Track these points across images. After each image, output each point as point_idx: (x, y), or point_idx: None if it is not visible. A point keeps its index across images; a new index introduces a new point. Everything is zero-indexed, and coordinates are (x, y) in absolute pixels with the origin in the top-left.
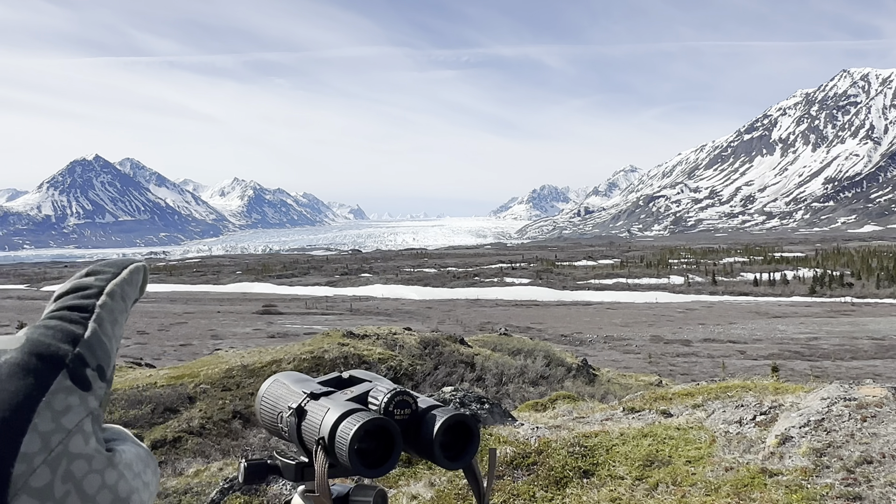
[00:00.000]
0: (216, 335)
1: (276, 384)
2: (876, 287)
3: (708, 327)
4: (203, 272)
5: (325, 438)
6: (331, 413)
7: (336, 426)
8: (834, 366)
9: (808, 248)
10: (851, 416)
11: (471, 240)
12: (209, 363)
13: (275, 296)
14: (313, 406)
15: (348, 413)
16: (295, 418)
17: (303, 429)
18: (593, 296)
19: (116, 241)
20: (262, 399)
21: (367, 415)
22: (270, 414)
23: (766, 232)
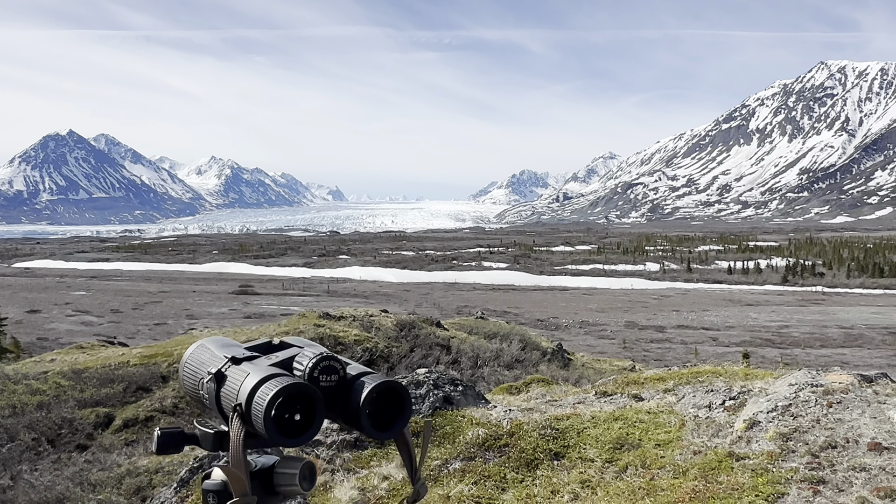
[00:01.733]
0: (191, 315)
1: (201, 349)
2: (846, 277)
3: (682, 314)
4: (179, 251)
5: (243, 405)
6: (250, 378)
7: (254, 392)
8: (804, 353)
9: (782, 238)
10: (818, 402)
11: (449, 223)
12: (183, 342)
13: (251, 276)
14: (234, 371)
15: (268, 378)
16: (214, 384)
17: (221, 395)
18: (570, 281)
19: (90, 218)
20: (186, 364)
21: (288, 379)
22: (192, 380)
23: (742, 221)
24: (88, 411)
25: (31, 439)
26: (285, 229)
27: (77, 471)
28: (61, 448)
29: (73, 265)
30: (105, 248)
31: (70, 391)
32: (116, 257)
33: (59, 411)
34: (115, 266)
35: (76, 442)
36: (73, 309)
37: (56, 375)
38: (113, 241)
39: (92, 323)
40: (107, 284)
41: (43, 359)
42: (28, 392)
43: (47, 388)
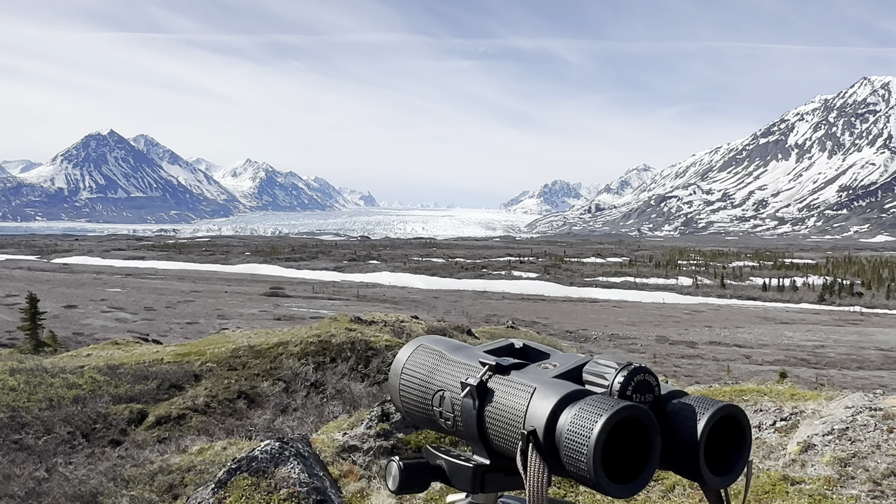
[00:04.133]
0: (222, 315)
1: (425, 352)
2: (886, 298)
3: (714, 330)
4: (212, 252)
5: (540, 432)
6: (542, 394)
7: (556, 415)
8: (840, 375)
9: (819, 256)
10: (877, 426)
11: (480, 231)
12: (216, 342)
13: (282, 278)
14: (503, 383)
15: (573, 396)
16: (473, 399)
17: (488, 415)
18: (600, 293)
19: (127, 216)
20: (406, 372)
21: (608, 400)
22: (417, 393)
23: (778, 237)
24: (122, 407)
25: (66, 433)
26: (317, 233)
27: (110, 466)
28: (95, 442)
29: (110, 262)
30: (141, 247)
31: (105, 386)
32: (151, 256)
33: (94, 406)
34: (149, 264)
35: (110, 437)
36: (108, 305)
37: (92, 370)
38: (148, 240)
39: (126, 319)
40: (141, 282)
41: (79, 353)
42: (65, 386)
43: (83, 382)
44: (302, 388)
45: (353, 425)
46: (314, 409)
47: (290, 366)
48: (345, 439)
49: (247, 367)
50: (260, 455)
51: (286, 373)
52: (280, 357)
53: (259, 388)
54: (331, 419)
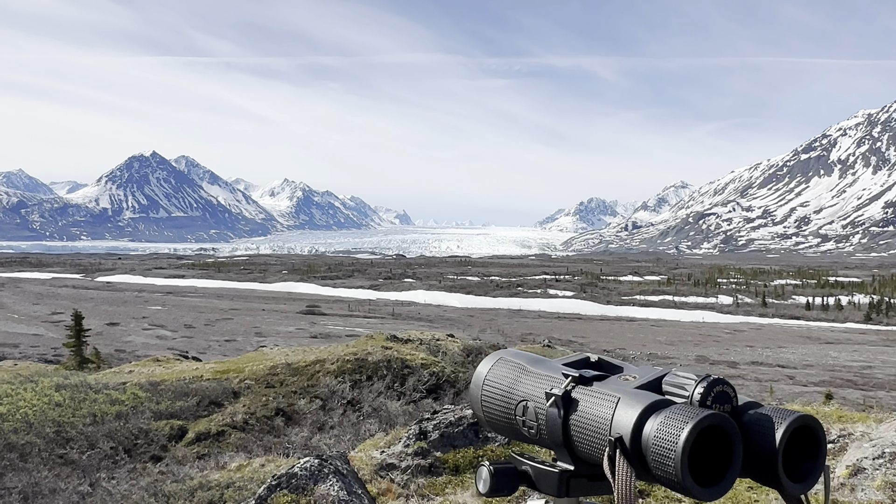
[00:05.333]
0: (260, 332)
1: (505, 365)
2: None
3: (756, 350)
4: (250, 270)
5: (626, 439)
6: (626, 405)
7: (642, 423)
8: (889, 396)
9: (865, 274)
10: None
11: (515, 250)
12: (254, 359)
13: (318, 297)
14: (587, 393)
15: (657, 406)
16: (559, 409)
17: (573, 424)
18: (638, 312)
19: (168, 236)
20: (487, 383)
21: (692, 410)
22: (500, 403)
23: (821, 255)
24: (163, 423)
25: (109, 448)
26: (353, 251)
27: (151, 481)
28: (137, 458)
29: (151, 281)
30: (181, 266)
31: (147, 402)
32: (191, 274)
33: (136, 422)
34: (189, 283)
35: (151, 452)
36: (149, 323)
37: (134, 387)
38: (188, 259)
39: (166, 337)
40: (181, 300)
41: (122, 370)
42: (108, 402)
43: (126, 398)
44: (338, 405)
45: (390, 443)
46: (351, 426)
47: (326, 383)
48: (382, 457)
49: (284, 384)
50: (299, 472)
51: (323, 390)
52: (317, 375)
53: (296, 406)
54: (367, 437)
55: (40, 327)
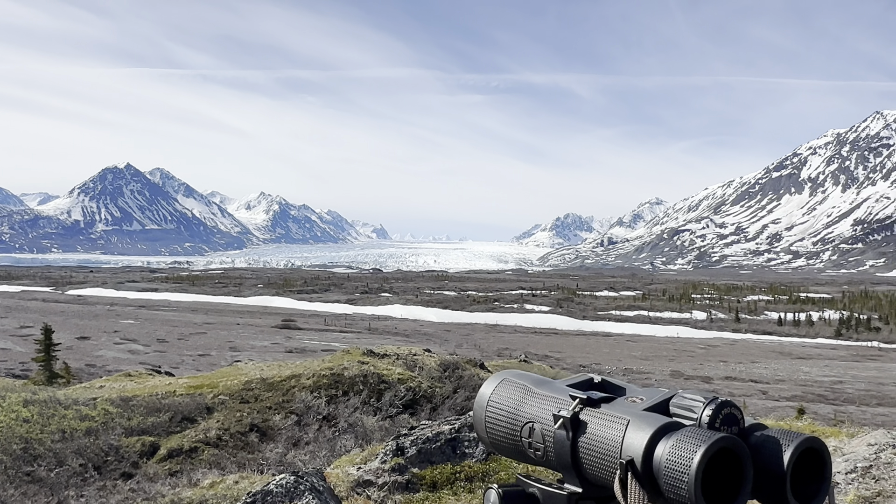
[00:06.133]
0: (235, 347)
1: (510, 386)
2: None
3: (729, 365)
4: (225, 284)
5: (638, 461)
6: (636, 427)
7: (653, 446)
8: (859, 411)
9: (835, 290)
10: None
11: (492, 264)
12: (228, 374)
13: (294, 311)
14: (596, 415)
15: (667, 429)
16: (567, 431)
17: (581, 446)
18: (613, 327)
19: (142, 248)
20: (491, 404)
21: (704, 433)
22: (505, 425)
23: (792, 271)
24: (135, 439)
25: (78, 465)
26: (329, 265)
27: (121, 499)
28: (107, 475)
29: (123, 294)
30: (154, 279)
31: (118, 418)
32: (165, 288)
33: (107, 438)
34: (163, 296)
35: (121, 470)
36: (120, 337)
37: (105, 402)
38: (162, 272)
39: (138, 351)
40: (154, 314)
41: (92, 385)
42: (77, 417)
43: (96, 414)
44: (314, 421)
45: (366, 459)
46: (326, 442)
47: (302, 399)
48: (359, 474)
49: (259, 399)
50: (275, 489)
51: (298, 406)
52: (292, 390)
53: (271, 422)
54: (343, 453)
55: (8, 341)
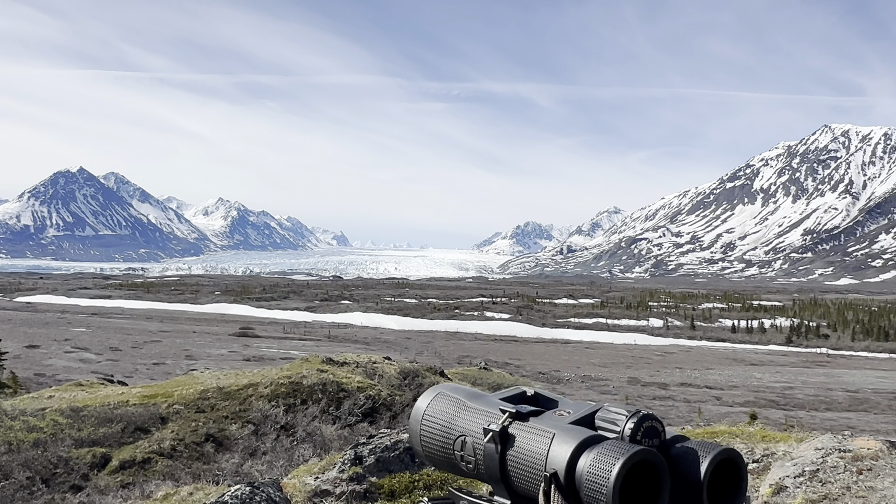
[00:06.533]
0: (190, 355)
1: (444, 399)
2: (851, 340)
3: (685, 371)
4: (181, 291)
5: (561, 474)
6: (561, 440)
7: (576, 458)
8: (808, 416)
9: (786, 298)
10: (847, 468)
11: (453, 272)
12: (183, 383)
13: (252, 318)
14: (523, 430)
15: (590, 442)
16: (496, 444)
17: (510, 459)
18: (572, 334)
19: (95, 254)
20: (427, 418)
21: (623, 446)
22: (439, 439)
23: (745, 280)
24: (85, 451)
25: (25, 478)
26: (289, 272)
27: None
28: (55, 488)
29: (75, 301)
30: (108, 286)
31: (67, 429)
32: (118, 295)
33: (56, 450)
34: (116, 304)
35: (71, 482)
36: (71, 345)
37: (54, 413)
38: (116, 279)
39: (90, 360)
40: (107, 322)
41: (41, 395)
42: (25, 429)
43: (44, 425)
44: (272, 430)
45: (324, 469)
46: (284, 452)
47: (259, 408)
48: (316, 483)
49: (215, 409)
50: (230, 500)
51: (256, 415)
52: (249, 399)
53: (227, 431)
54: (301, 462)
55: None
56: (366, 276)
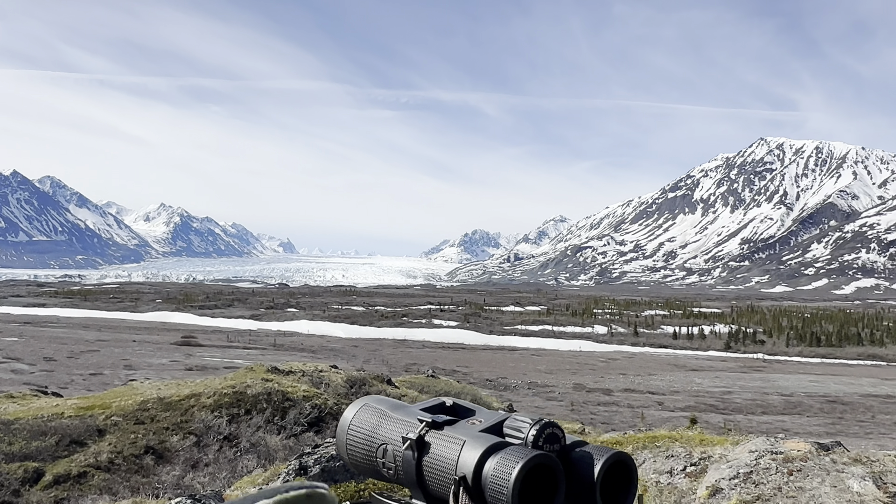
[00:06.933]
0: (130, 365)
1: (369, 410)
2: (786, 345)
3: (629, 377)
4: (120, 299)
5: (469, 477)
6: (470, 446)
7: (482, 463)
8: (746, 420)
9: (725, 305)
10: (779, 469)
11: (401, 280)
12: (122, 394)
13: (195, 327)
14: (439, 437)
15: (496, 447)
16: (413, 451)
17: (426, 465)
18: (519, 341)
19: (29, 261)
20: (352, 428)
21: (524, 450)
22: (363, 447)
23: (687, 287)
24: (16, 465)
25: None
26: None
27: None
28: None
29: (6, 310)
30: (42, 293)
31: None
32: (53, 303)
33: None
34: (51, 312)
35: (1, 499)
36: (2, 356)
37: None
38: (51, 286)
39: (22, 371)
40: (41, 331)
41: None
42: None
43: None
44: (214, 441)
45: (269, 480)
46: (227, 463)
47: (202, 418)
48: None
49: (155, 420)
50: None
51: (198, 426)
52: (192, 409)
53: (168, 443)
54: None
55: None
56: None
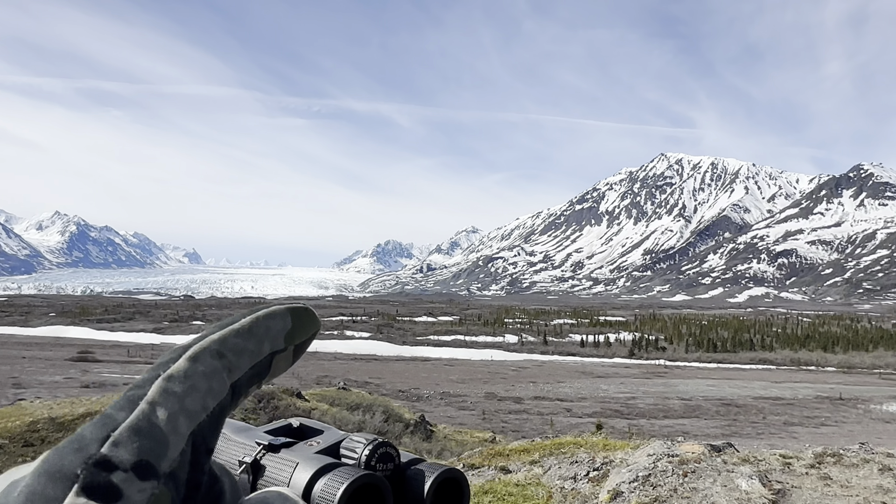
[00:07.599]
0: (19, 384)
1: None
2: (685, 351)
3: (539, 385)
4: (9, 312)
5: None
6: (301, 468)
7: (312, 484)
8: (649, 424)
9: (629, 313)
10: (674, 471)
11: (312, 291)
12: (9, 415)
13: (93, 341)
14: (274, 460)
15: (326, 468)
16: (249, 475)
17: (260, 488)
18: (432, 352)
19: None
20: None
21: (352, 471)
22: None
23: (593, 296)
24: None
25: None
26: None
27: None
28: None
29: None
30: None
31: None
32: None
33: None
34: None
35: None
36: None
37: None
38: None
39: None
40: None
41: None
42: None
43: None
44: None
45: None
46: None
47: None
48: None
49: (46, 441)
50: None
51: None
52: None
53: None
54: None
55: None
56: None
